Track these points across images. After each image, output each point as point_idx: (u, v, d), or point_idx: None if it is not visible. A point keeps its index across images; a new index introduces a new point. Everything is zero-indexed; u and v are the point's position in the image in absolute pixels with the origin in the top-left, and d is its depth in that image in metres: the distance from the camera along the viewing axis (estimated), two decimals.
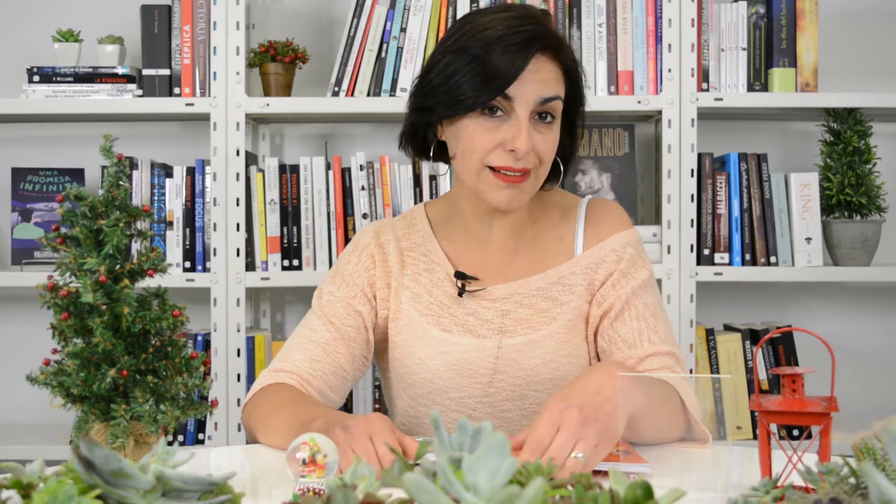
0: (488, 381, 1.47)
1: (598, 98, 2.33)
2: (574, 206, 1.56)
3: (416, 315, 1.50)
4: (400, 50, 2.34)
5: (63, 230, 1.06)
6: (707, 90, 2.35)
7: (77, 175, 2.48)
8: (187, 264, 2.35)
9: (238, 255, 2.31)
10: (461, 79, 1.37)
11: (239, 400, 2.32)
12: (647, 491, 0.68)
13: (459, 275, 1.50)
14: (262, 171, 2.36)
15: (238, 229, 2.32)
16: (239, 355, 2.32)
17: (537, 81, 1.38)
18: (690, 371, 2.29)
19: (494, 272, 1.52)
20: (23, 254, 2.42)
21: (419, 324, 1.50)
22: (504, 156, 1.38)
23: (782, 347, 2.41)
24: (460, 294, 1.49)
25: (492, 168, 1.39)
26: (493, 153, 1.39)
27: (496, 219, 1.51)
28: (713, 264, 2.35)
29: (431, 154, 1.49)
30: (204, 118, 2.37)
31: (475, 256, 1.53)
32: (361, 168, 2.35)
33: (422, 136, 1.50)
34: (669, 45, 2.33)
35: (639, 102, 2.33)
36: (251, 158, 2.43)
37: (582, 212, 1.54)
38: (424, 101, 1.44)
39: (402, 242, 1.56)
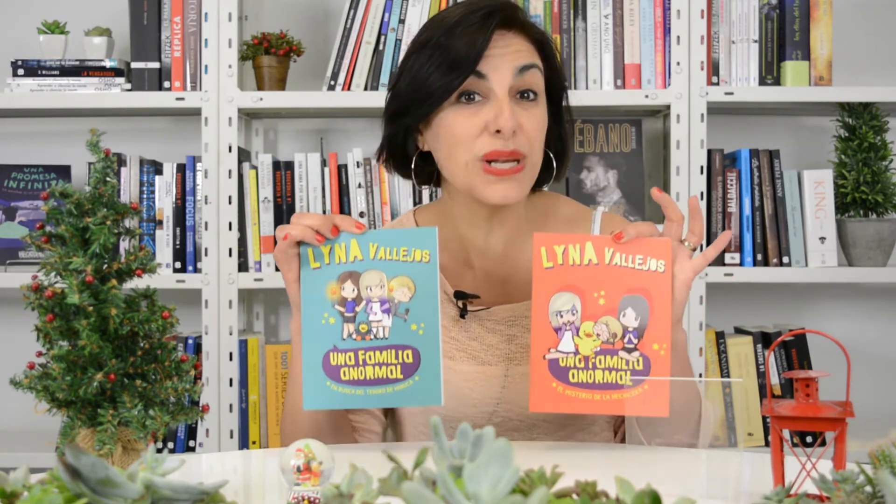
0: (492, 411, 1.39)
1: (603, 92, 2.30)
2: (584, 220, 1.46)
3: None
4: (398, 42, 2.30)
5: (48, 228, 1.05)
6: (717, 84, 2.32)
7: (63, 172, 2.46)
8: (177, 265, 2.32)
9: (230, 255, 2.29)
10: (427, 72, 1.31)
11: (231, 406, 2.30)
12: (655, 499, 0.66)
13: (460, 294, 1.41)
14: (255, 167, 2.33)
15: (230, 228, 2.29)
16: (231, 359, 2.30)
17: (508, 54, 1.32)
18: (700, 375, 2.26)
19: (496, 289, 1.42)
20: (7, 253, 2.40)
21: None
22: (491, 140, 1.29)
23: (795, 351, 2.39)
24: (462, 316, 1.40)
25: (482, 161, 1.30)
26: (479, 139, 1.30)
27: (494, 225, 1.40)
28: (723, 265, 2.31)
29: (413, 167, 1.40)
30: (195, 113, 2.34)
31: (473, 272, 1.44)
32: (358, 165, 2.31)
33: (401, 148, 1.41)
34: (678, 37, 2.29)
35: (646, 97, 2.29)
36: (244, 155, 2.41)
37: (595, 228, 1.44)
38: (397, 107, 1.37)
39: None
